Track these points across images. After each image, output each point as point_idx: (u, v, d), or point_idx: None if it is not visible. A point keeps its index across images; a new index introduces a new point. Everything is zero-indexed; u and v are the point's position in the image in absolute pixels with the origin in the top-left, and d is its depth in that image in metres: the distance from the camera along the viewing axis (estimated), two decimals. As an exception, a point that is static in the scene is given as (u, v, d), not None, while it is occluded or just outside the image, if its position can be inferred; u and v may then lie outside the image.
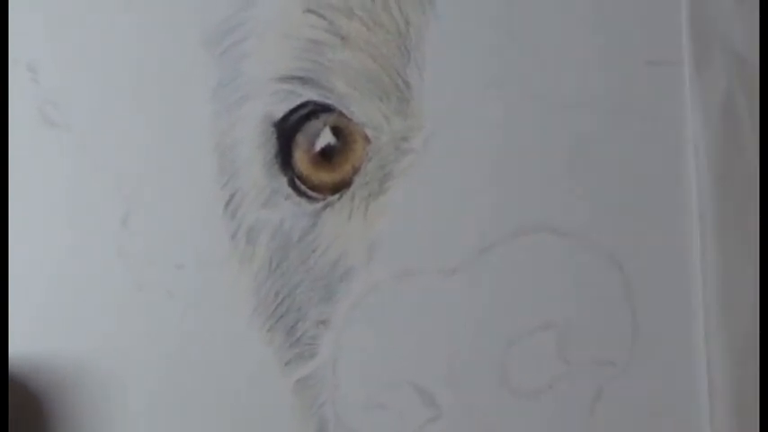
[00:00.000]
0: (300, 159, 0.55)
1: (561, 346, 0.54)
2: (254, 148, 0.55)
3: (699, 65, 0.54)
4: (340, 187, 0.55)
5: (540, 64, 0.54)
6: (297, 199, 0.55)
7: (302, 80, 0.55)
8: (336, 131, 0.55)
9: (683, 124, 0.54)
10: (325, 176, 0.55)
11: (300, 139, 0.55)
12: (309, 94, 0.55)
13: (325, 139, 0.55)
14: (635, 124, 0.55)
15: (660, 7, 0.55)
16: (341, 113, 0.55)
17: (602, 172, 0.54)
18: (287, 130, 0.55)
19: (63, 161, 0.55)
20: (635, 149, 0.55)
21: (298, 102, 0.55)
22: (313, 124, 0.55)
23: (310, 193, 0.55)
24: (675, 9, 0.55)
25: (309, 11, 0.55)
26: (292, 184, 0.55)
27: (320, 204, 0.55)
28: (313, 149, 0.55)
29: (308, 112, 0.55)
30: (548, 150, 0.54)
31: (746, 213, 0.53)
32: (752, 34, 0.54)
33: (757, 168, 0.53)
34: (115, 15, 0.55)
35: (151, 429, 0.55)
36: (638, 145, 0.55)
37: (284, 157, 0.55)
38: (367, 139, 0.55)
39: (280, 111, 0.55)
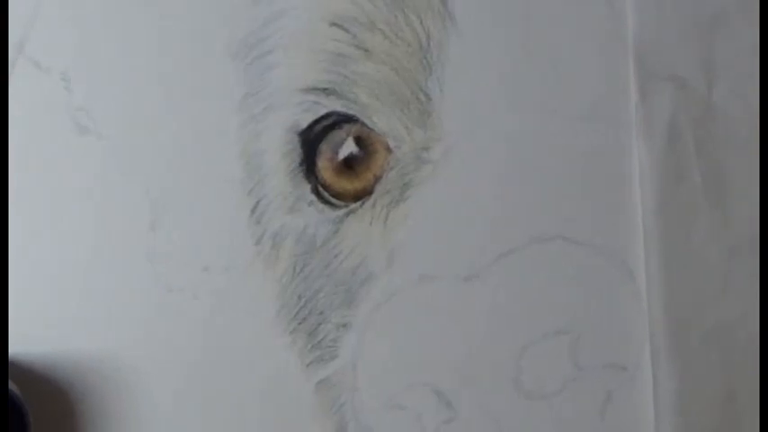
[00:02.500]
0: (324, 168, 0.56)
1: (573, 350, 0.55)
2: (280, 157, 0.56)
3: (643, 93, 0.55)
4: (362, 195, 0.56)
5: (554, 79, 0.56)
6: (320, 206, 0.56)
7: (326, 91, 0.56)
8: (359, 141, 0.56)
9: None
10: (347, 185, 0.56)
11: (324, 148, 0.56)
12: (333, 105, 0.56)
13: (348, 148, 0.56)
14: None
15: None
16: (363, 124, 0.56)
17: (615, 182, 0.56)
18: (311, 140, 0.56)
19: (94, 167, 0.56)
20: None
21: (322, 112, 0.56)
22: (336, 134, 0.56)
23: (333, 200, 0.56)
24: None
25: (334, 24, 0.56)
26: (316, 192, 0.56)
27: (342, 211, 0.56)
28: (336, 158, 0.56)
29: (332, 123, 0.56)
30: (561, 161, 0.56)
31: (691, 235, 0.55)
32: (697, 61, 0.55)
33: (702, 193, 0.55)
34: (146, 27, 0.56)
35: (177, 427, 0.56)
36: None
37: (308, 165, 0.56)
38: (388, 149, 0.56)
39: (304, 121, 0.56)
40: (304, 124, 0.56)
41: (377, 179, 0.56)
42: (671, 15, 0.52)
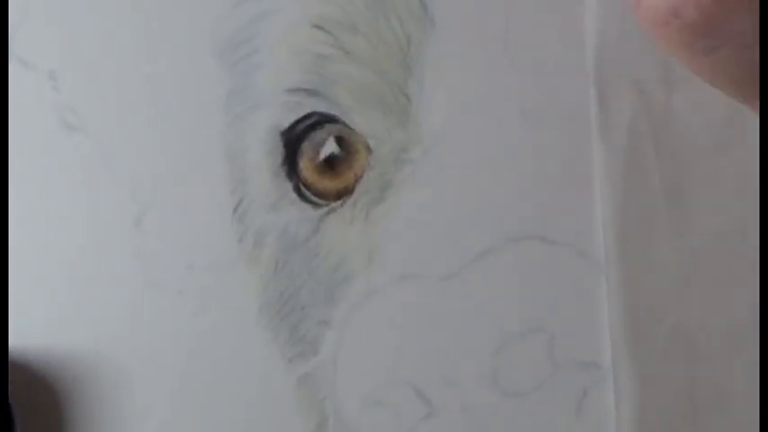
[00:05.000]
0: (306, 167, 0.57)
1: (550, 348, 0.56)
2: (262, 156, 0.57)
3: (602, 97, 0.55)
4: (343, 194, 0.57)
5: (533, 81, 0.56)
6: (301, 205, 0.57)
7: (308, 92, 0.56)
8: (340, 141, 0.57)
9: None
10: (328, 184, 0.57)
11: (306, 147, 0.57)
12: (315, 106, 0.56)
13: (330, 148, 0.57)
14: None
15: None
16: (344, 124, 0.57)
17: (591, 183, 0.56)
18: (293, 140, 0.57)
19: (80, 165, 0.57)
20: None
21: (304, 112, 0.57)
22: (318, 134, 0.57)
23: (314, 199, 0.57)
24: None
25: (317, 26, 0.56)
26: (297, 191, 0.57)
27: (324, 210, 0.57)
28: (318, 158, 0.57)
29: (314, 123, 0.57)
30: (539, 162, 0.56)
31: (651, 236, 0.55)
32: (656, 67, 0.55)
33: (662, 196, 0.55)
34: (132, 27, 0.57)
35: (161, 421, 0.57)
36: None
37: (290, 164, 0.57)
38: (369, 149, 0.57)
39: (287, 121, 0.57)
40: (286, 124, 0.57)
41: (357, 179, 0.57)
42: (631, 20, 0.53)
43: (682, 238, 0.55)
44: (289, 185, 0.57)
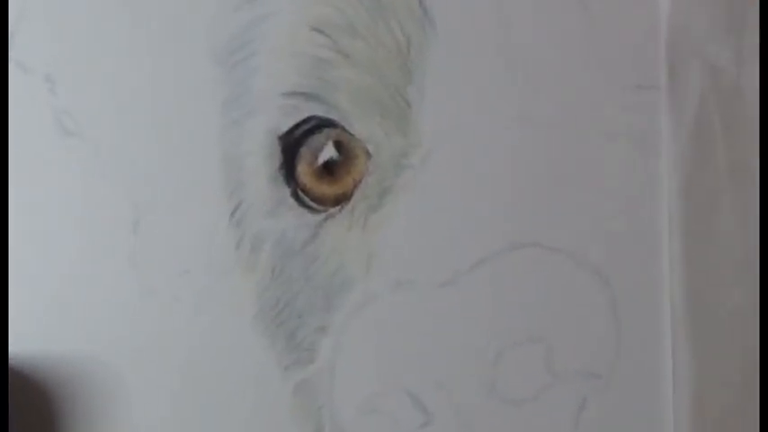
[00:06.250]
0: (304, 172, 0.56)
1: (548, 357, 0.56)
2: (260, 161, 0.56)
3: (673, 74, 0.55)
4: (341, 200, 0.57)
5: (532, 87, 0.56)
6: (299, 210, 0.57)
7: (307, 96, 0.56)
8: (339, 146, 0.56)
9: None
10: (326, 189, 0.57)
11: (304, 152, 0.56)
12: (314, 110, 0.56)
13: (328, 153, 0.56)
14: (621, 145, 0.56)
15: (643, 34, 0.56)
16: (343, 129, 0.56)
17: (590, 190, 0.56)
18: (291, 144, 0.56)
19: (77, 169, 0.57)
20: (622, 169, 0.56)
21: (302, 117, 0.56)
22: (316, 138, 0.56)
23: (312, 204, 0.57)
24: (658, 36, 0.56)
25: (315, 29, 0.56)
26: (295, 196, 0.57)
27: (322, 216, 0.57)
28: (316, 163, 0.56)
29: (312, 127, 0.56)
30: (539, 169, 0.56)
31: (715, 217, 0.55)
32: (727, 43, 0.55)
33: (727, 176, 0.54)
34: (129, 30, 0.57)
35: (157, 427, 0.57)
36: (623, 165, 0.56)
37: (288, 169, 0.56)
38: (368, 155, 0.56)
39: (285, 125, 0.56)
40: (284, 128, 0.56)
41: (356, 184, 0.56)
42: None
43: (744, 218, 0.54)
44: (287, 190, 0.57)
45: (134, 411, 0.57)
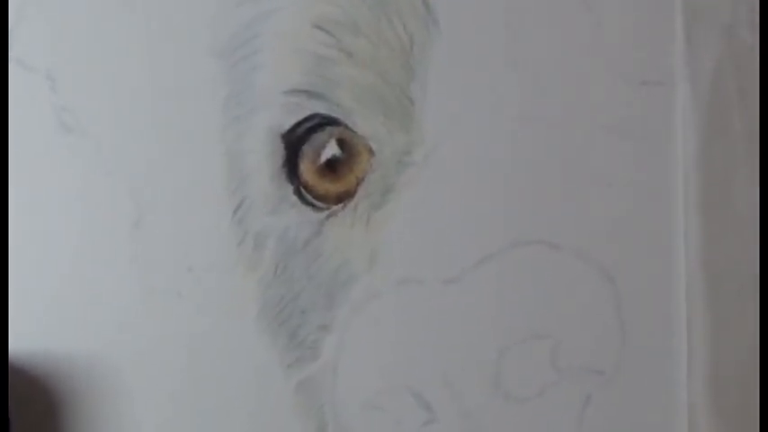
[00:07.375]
0: (306, 170, 0.56)
1: (553, 354, 0.56)
2: (263, 158, 0.56)
3: (690, 39, 0.55)
4: (344, 197, 0.57)
5: (535, 84, 0.56)
6: (302, 208, 0.56)
7: (309, 93, 0.56)
8: (341, 144, 0.56)
9: (673, 143, 0.56)
10: (329, 187, 0.56)
11: (307, 150, 0.56)
12: (316, 107, 0.56)
13: (331, 150, 0.56)
14: (627, 142, 0.56)
15: (654, 31, 0.56)
16: (346, 127, 0.56)
17: (595, 187, 0.56)
18: (294, 142, 0.56)
19: (79, 167, 0.56)
20: (627, 166, 0.56)
21: (305, 114, 0.56)
22: (319, 136, 0.56)
23: (315, 202, 0.57)
24: (669, 33, 0.56)
25: (318, 27, 0.56)
26: (298, 194, 0.56)
27: (324, 213, 0.57)
28: (319, 160, 0.56)
29: (315, 125, 0.56)
30: (543, 166, 0.56)
31: (730, 186, 0.55)
32: (743, 9, 0.55)
33: (742, 144, 0.55)
34: (131, 28, 0.56)
35: (159, 426, 0.57)
36: (629, 162, 0.56)
37: (291, 167, 0.56)
38: (371, 152, 0.56)
39: (287, 122, 0.56)
40: (287, 126, 0.56)
41: (359, 182, 0.56)
42: None
43: (758, 189, 0.54)
44: (289, 188, 0.57)
45: (135, 409, 0.56)
